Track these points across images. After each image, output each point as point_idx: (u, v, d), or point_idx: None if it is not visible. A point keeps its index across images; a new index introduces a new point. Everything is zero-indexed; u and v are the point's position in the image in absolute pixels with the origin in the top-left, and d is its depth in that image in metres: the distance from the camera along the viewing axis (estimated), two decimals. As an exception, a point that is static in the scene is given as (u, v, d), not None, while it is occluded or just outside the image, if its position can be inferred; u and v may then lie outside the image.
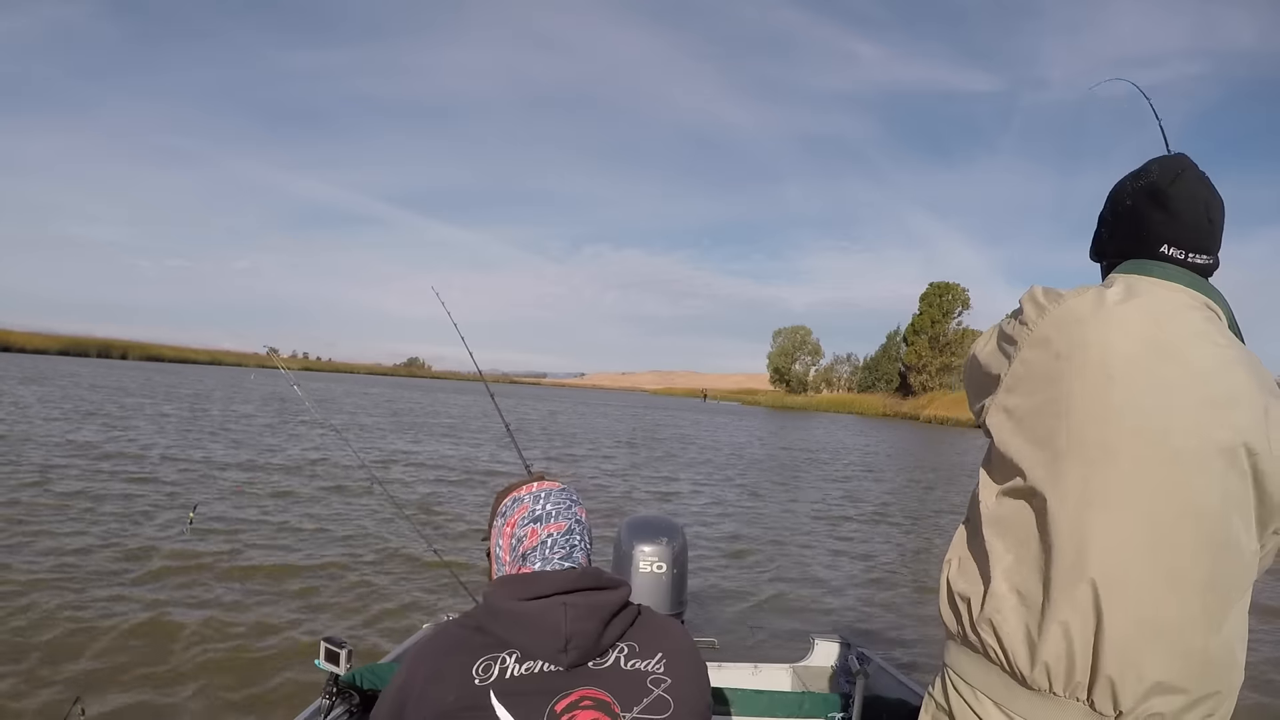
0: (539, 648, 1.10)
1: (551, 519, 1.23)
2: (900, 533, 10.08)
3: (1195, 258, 1.23)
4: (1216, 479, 1.09)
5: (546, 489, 1.27)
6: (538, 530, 1.21)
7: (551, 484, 1.29)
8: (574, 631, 1.09)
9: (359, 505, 8.81)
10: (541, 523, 1.22)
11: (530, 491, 1.27)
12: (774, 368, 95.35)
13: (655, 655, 1.15)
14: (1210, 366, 1.12)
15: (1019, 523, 1.17)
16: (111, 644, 4.27)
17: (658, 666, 1.14)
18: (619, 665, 1.13)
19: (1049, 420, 1.15)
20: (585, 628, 1.10)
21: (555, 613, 1.10)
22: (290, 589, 5.53)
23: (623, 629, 1.16)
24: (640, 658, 1.15)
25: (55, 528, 6.61)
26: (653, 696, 1.11)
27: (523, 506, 1.25)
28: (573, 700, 1.08)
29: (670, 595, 2.86)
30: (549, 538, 1.20)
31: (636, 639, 1.16)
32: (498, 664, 1.09)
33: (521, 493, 1.27)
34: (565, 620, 1.10)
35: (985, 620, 1.17)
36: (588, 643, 1.10)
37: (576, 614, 1.10)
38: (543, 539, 1.20)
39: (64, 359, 60.39)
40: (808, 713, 2.26)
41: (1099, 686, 1.09)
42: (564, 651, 1.09)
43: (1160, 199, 1.23)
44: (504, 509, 1.27)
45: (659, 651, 1.16)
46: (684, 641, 1.21)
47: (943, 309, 76.66)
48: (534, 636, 1.10)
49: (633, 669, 1.13)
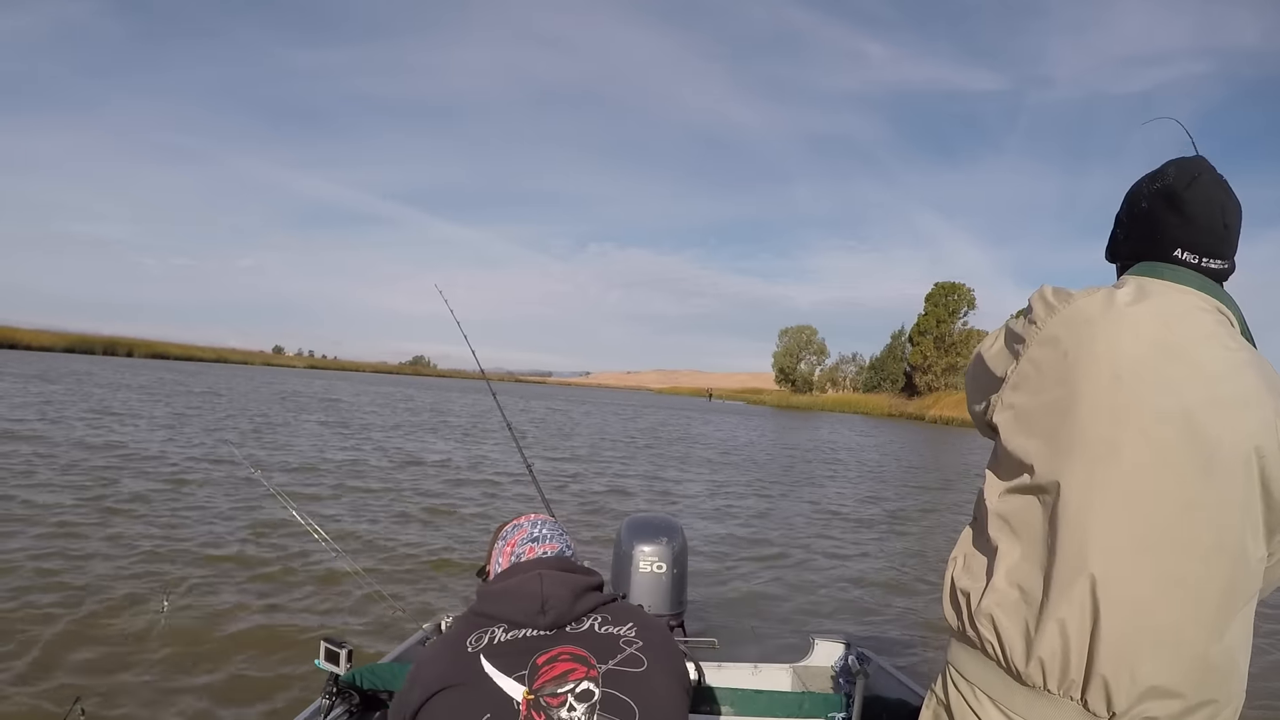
0: (521, 614, 1.27)
1: (547, 540, 1.47)
2: (902, 533, 10.05)
3: (1209, 262, 1.22)
4: (1224, 482, 1.08)
5: (543, 519, 1.53)
6: (535, 548, 1.44)
7: (545, 516, 1.55)
8: (549, 594, 1.27)
9: (371, 504, 8.84)
10: (539, 542, 1.46)
11: (529, 519, 1.52)
12: (779, 367, 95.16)
13: (627, 624, 1.31)
14: (1220, 369, 1.12)
15: (1022, 520, 1.18)
16: (112, 644, 4.28)
17: (629, 632, 1.29)
18: (594, 629, 1.28)
19: (1055, 419, 1.15)
20: (560, 592, 1.28)
21: (533, 582, 1.29)
22: (292, 589, 5.55)
23: (595, 604, 1.32)
24: (614, 625, 1.30)
25: (57, 528, 6.65)
26: (625, 654, 1.25)
27: (522, 530, 1.49)
28: (552, 655, 1.23)
29: (670, 595, 2.86)
30: (545, 554, 1.43)
31: (610, 612, 1.33)
32: (487, 635, 1.26)
33: (521, 520, 1.53)
34: (542, 585, 1.28)
35: (984, 614, 1.18)
36: (563, 605, 1.27)
37: (551, 581, 1.29)
38: (540, 554, 1.43)
39: (71, 356, 60.63)
40: (808, 713, 2.26)
41: (1093, 686, 1.09)
42: (542, 613, 1.26)
43: (1175, 202, 1.22)
44: (505, 534, 1.51)
45: (630, 622, 1.32)
46: (655, 620, 1.37)
47: (948, 309, 76.46)
48: (516, 603, 1.28)
49: (606, 633, 1.28)
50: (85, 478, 8.87)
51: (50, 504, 7.40)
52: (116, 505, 7.59)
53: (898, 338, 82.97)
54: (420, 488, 10.32)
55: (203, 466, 10.39)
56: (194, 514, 7.51)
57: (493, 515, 8.78)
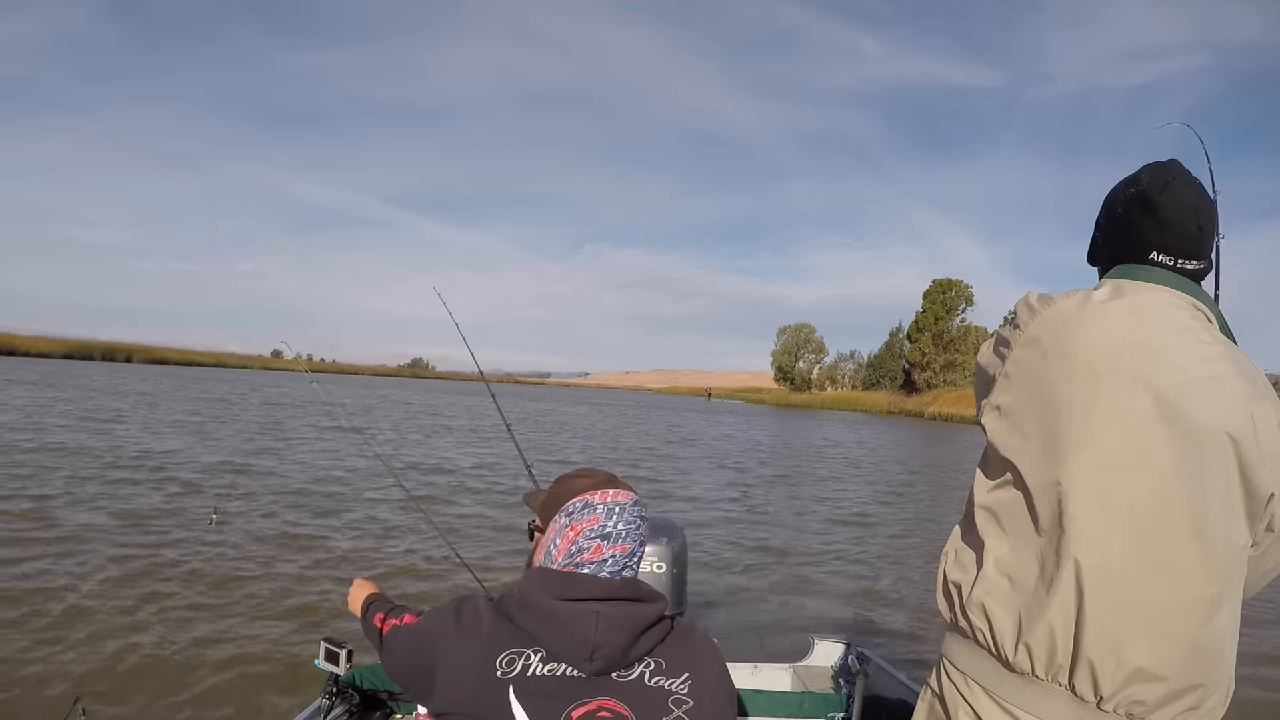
0: (565, 650, 1.08)
1: (620, 539, 1.17)
2: (902, 532, 10.07)
3: (1185, 263, 1.26)
4: (1201, 469, 1.11)
5: (621, 502, 1.20)
6: (603, 548, 1.16)
7: (625, 495, 1.21)
8: (602, 642, 1.07)
9: (378, 505, 8.84)
10: (609, 541, 1.16)
11: (605, 501, 1.19)
12: (778, 366, 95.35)
13: (681, 675, 1.12)
14: (1194, 360, 1.15)
15: (1009, 513, 1.23)
16: (112, 644, 4.28)
17: (682, 687, 1.11)
18: (643, 681, 1.10)
19: (1037, 415, 1.20)
20: (614, 640, 1.08)
21: (587, 620, 1.08)
22: (294, 589, 5.55)
23: (653, 644, 1.13)
24: (666, 675, 1.11)
25: (58, 527, 6.65)
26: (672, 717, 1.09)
27: (594, 517, 1.18)
28: (590, 709, 1.06)
29: (670, 595, 2.86)
30: (611, 557, 1.16)
31: (665, 655, 1.13)
32: (521, 659, 1.08)
33: (595, 499, 1.19)
34: (596, 629, 1.07)
35: (974, 604, 1.22)
36: (615, 654, 1.08)
37: (608, 625, 1.08)
38: (604, 557, 1.15)
39: (70, 363, 60.59)
40: (808, 713, 2.27)
41: (1079, 670, 1.12)
42: (589, 660, 1.07)
43: (1150, 207, 1.26)
44: (572, 509, 1.19)
45: (685, 671, 1.12)
46: (714, 665, 1.17)
47: (946, 306, 76.61)
48: (562, 638, 1.08)
49: (656, 686, 1.10)
50: (75, 479, 8.86)
51: (50, 507, 7.39)
52: (120, 506, 7.60)
53: (896, 335, 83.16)
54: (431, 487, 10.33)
55: (202, 473, 10.37)
56: (215, 514, 7.50)
57: (488, 516, 8.78)
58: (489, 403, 3.19)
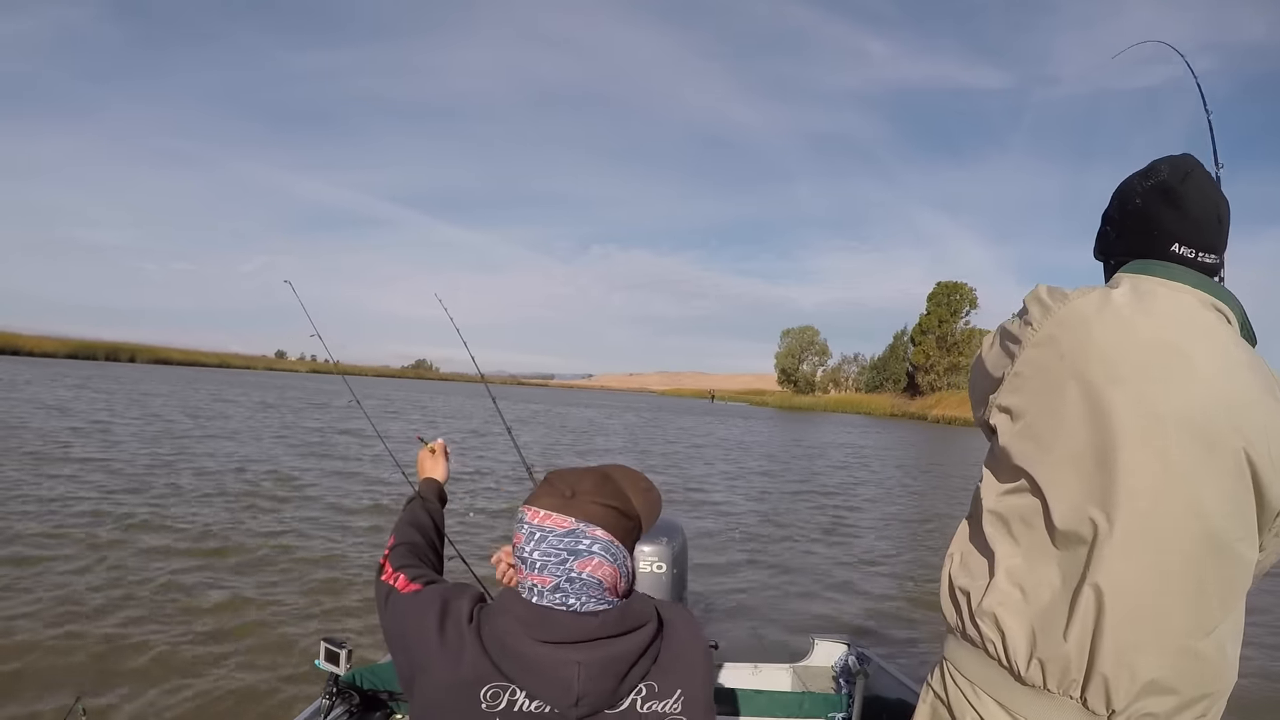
0: (549, 695, 1.02)
1: (537, 569, 1.05)
2: (903, 533, 10.05)
3: (1205, 257, 1.22)
4: (1218, 482, 1.08)
5: (545, 528, 1.06)
6: (525, 573, 1.06)
7: (559, 520, 1.06)
8: (586, 691, 1.01)
9: (380, 507, 8.85)
10: (528, 568, 1.06)
11: (531, 523, 1.07)
12: (781, 368, 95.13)
13: (674, 694, 1.07)
14: (1216, 369, 1.12)
15: (1022, 521, 1.18)
16: (113, 644, 4.29)
17: (675, 706, 1.06)
18: (635, 709, 1.05)
19: (1051, 420, 1.15)
20: (599, 687, 1.02)
21: (568, 670, 1.01)
22: (295, 588, 5.55)
23: (643, 672, 1.06)
24: (659, 698, 1.06)
25: (58, 528, 6.67)
26: None
27: (518, 535, 1.08)
28: None
29: (670, 595, 2.86)
30: (534, 587, 1.05)
31: (657, 678, 1.07)
32: (506, 694, 1.02)
33: (528, 514, 1.08)
34: (578, 679, 1.00)
35: (985, 614, 1.18)
36: (601, 699, 1.02)
37: (590, 674, 1.01)
38: (528, 585, 1.06)
39: (74, 362, 60.71)
40: (808, 713, 2.27)
41: (1093, 685, 1.10)
42: (575, 706, 1.01)
43: (1172, 197, 1.22)
44: (519, 517, 1.10)
45: (678, 689, 1.07)
46: (701, 671, 1.12)
47: (950, 308, 76.42)
48: (544, 687, 1.01)
49: (649, 712, 1.05)
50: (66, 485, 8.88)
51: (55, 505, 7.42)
52: (122, 505, 7.62)
53: (900, 338, 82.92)
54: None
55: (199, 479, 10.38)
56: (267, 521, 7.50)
57: (485, 513, 8.80)
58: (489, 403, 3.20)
